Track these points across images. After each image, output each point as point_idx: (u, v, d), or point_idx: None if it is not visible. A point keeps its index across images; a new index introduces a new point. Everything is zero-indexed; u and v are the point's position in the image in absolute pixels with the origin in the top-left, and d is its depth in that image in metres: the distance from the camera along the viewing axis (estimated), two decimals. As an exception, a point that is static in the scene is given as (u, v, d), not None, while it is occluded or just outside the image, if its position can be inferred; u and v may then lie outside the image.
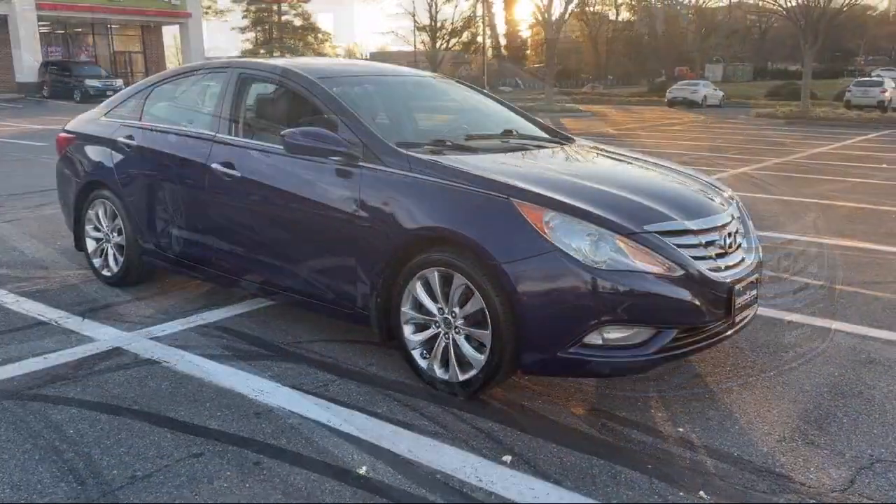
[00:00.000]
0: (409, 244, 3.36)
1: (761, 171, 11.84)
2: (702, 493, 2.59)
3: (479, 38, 50.69)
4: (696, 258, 3.15)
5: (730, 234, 3.41)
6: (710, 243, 3.27)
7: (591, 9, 59.24)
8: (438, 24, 45.02)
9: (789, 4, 27.05)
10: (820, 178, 11.25)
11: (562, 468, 2.74)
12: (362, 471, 2.71)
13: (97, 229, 5.01)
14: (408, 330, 3.44)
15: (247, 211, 4.00)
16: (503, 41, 63.63)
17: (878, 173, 11.83)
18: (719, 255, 3.29)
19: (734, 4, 75.46)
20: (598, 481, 2.66)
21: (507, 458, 2.80)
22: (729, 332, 3.30)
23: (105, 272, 4.96)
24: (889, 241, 6.74)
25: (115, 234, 4.86)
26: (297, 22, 55.36)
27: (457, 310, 3.24)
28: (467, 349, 3.23)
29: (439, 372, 3.34)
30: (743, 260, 3.43)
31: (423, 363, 3.40)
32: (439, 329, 3.32)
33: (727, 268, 3.28)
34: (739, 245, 3.49)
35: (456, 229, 3.18)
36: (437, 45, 44.16)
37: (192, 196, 4.25)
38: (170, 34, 44.62)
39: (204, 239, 4.27)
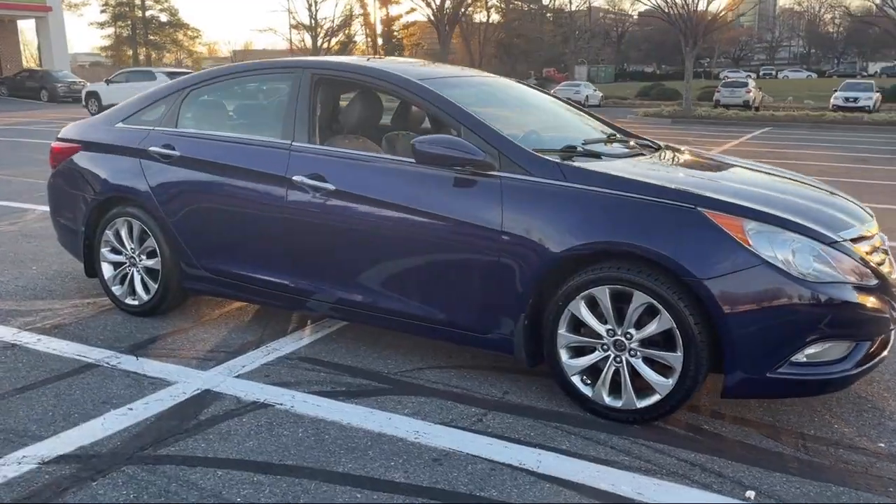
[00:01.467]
0: (572, 261, 3.08)
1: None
2: (967, 514, 2.49)
3: (357, 38, 50.08)
4: (877, 265, 3.07)
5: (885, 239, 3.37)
6: (876, 249, 3.20)
7: (464, 10, 59.83)
8: (317, 23, 44.05)
9: (663, 7, 28.28)
10: (751, 175, 11.72)
11: (809, 500, 2.56)
12: (612, 520, 2.42)
13: (116, 251, 4.36)
14: (565, 355, 3.16)
15: (345, 227, 3.57)
16: (380, 41, 63.11)
17: (792, 168, 12.47)
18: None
19: (593, 8, 78.87)
20: (858, 510, 2.51)
21: (751, 493, 2.59)
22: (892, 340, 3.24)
23: (130, 301, 4.33)
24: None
25: (145, 257, 4.25)
26: (164, 18, 52.60)
27: (632, 331, 3.00)
28: (649, 373, 2.99)
29: (608, 399, 3.09)
30: (892, 264, 3.39)
31: (586, 390, 3.14)
32: (607, 352, 3.07)
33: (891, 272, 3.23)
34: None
35: (640, 244, 2.93)
36: (319, 44, 43.25)
37: (266, 212, 3.75)
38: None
39: (281, 259, 3.79)
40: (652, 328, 2.94)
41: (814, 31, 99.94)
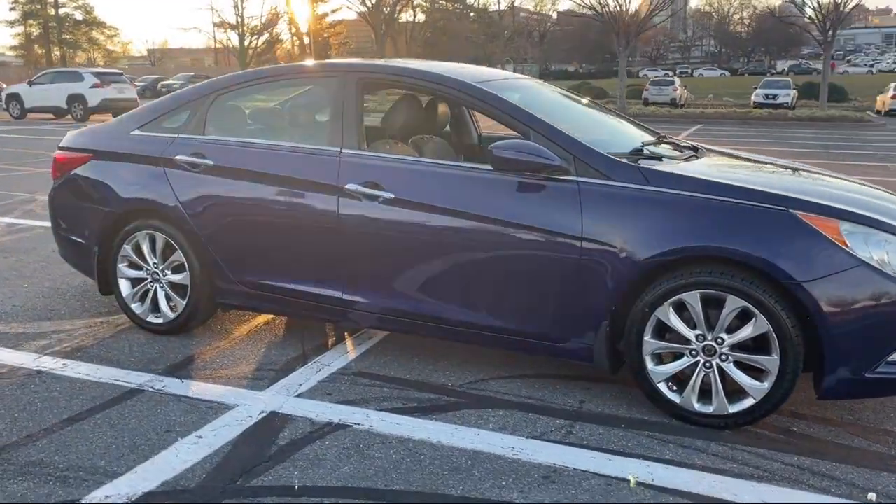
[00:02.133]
0: (658, 266, 3.03)
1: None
2: None
3: (283, 37, 49.21)
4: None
5: None
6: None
7: (399, 9, 59.66)
8: (243, 21, 43.08)
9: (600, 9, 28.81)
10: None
11: (927, 497, 2.59)
12: (753, 532, 2.38)
13: (135, 266, 4.09)
14: (650, 362, 3.11)
15: (405, 236, 3.43)
16: (307, 40, 62.21)
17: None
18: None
19: (515, 8, 79.93)
20: (978, 507, 2.54)
21: (872, 496, 2.59)
22: None
23: (153, 319, 4.07)
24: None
25: (170, 272, 4.00)
26: (79, 16, 50.36)
27: (724, 335, 2.97)
28: (742, 378, 2.97)
29: (698, 405, 3.06)
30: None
31: (673, 397, 3.09)
32: (696, 358, 3.03)
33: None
34: None
35: (735, 248, 2.90)
36: (246, 43, 42.31)
37: (316, 222, 3.57)
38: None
39: (331, 270, 3.61)
40: (746, 332, 2.92)
41: (723, 30, 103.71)
